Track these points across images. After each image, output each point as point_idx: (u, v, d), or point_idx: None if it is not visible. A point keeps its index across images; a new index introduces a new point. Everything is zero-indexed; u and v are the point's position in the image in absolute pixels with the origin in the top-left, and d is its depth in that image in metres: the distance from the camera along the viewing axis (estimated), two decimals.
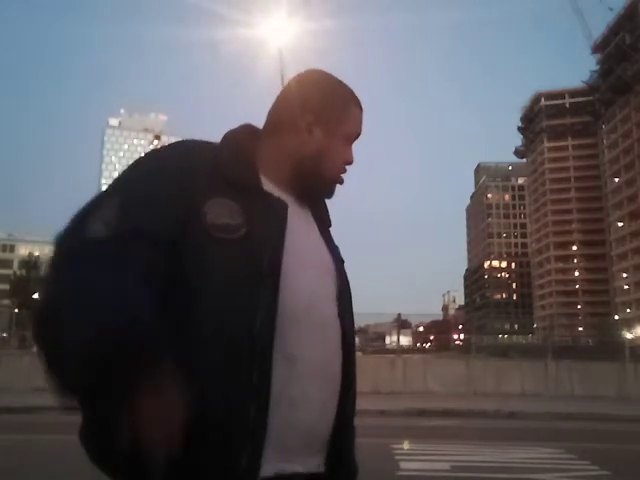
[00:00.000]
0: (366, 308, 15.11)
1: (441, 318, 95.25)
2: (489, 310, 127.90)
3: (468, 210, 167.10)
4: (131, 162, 1.07)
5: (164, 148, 1.09)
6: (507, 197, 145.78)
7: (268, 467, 0.93)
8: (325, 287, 1.07)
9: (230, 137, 1.10)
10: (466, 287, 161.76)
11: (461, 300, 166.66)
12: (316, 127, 1.11)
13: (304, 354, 0.98)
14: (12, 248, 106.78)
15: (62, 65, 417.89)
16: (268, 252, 0.97)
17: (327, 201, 1.21)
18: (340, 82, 1.16)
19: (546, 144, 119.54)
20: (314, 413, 0.99)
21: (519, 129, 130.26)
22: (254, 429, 0.91)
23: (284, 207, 1.03)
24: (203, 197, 0.98)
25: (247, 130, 1.13)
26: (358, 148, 1.20)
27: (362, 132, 1.17)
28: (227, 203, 0.98)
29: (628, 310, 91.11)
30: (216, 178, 1.00)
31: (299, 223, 1.07)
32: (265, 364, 0.93)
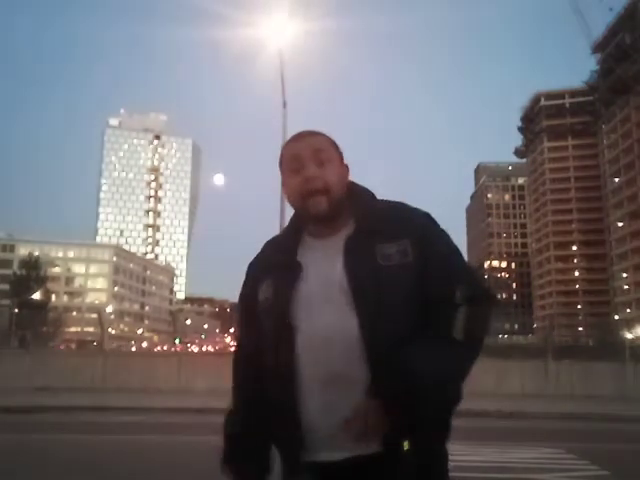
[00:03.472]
0: None
1: None
2: None
3: (468, 210, 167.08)
4: None
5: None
6: (507, 197, 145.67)
7: (305, 455, 1.37)
8: (337, 319, 1.37)
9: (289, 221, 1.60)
10: None
11: None
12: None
13: (307, 371, 1.37)
14: (12, 248, 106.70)
15: (62, 65, 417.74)
16: (282, 313, 1.40)
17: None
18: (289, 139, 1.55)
19: (546, 144, 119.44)
20: (314, 414, 1.36)
21: (519, 129, 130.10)
22: (288, 427, 1.39)
23: (297, 269, 1.43)
24: (259, 281, 1.50)
25: None
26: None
27: (296, 151, 1.47)
28: (268, 282, 1.46)
29: (628, 310, 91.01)
30: (267, 264, 1.52)
31: (318, 265, 1.43)
32: (286, 384, 1.38)
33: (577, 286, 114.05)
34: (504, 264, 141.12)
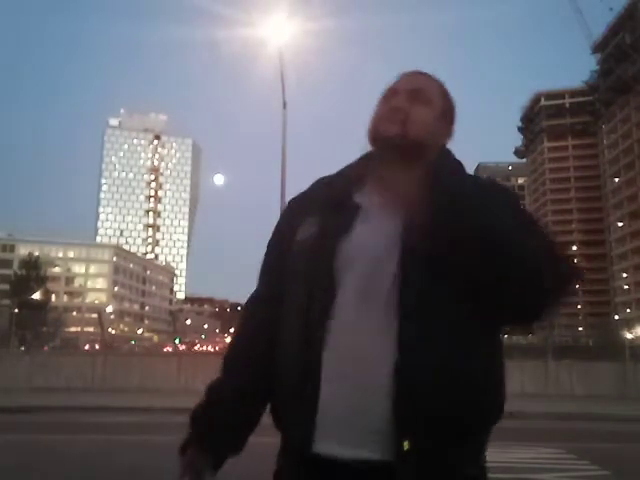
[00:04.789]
0: None
1: None
2: None
3: None
4: None
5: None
6: None
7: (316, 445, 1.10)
8: (379, 275, 1.13)
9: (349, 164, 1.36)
10: None
11: None
12: None
13: (336, 340, 1.11)
14: (12, 248, 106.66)
15: (62, 65, 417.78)
16: (321, 256, 1.17)
17: None
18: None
19: (546, 144, 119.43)
20: (344, 392, 1.08)
21: (519, 129, 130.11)
22: (304, 401, 1.11)
23: (353, 210, 1.20)
24: (300, 219, 1.25)
25: None
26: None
27: (398, 84, 1.31)
28: (312, 221, 1.22)
29: (628, 310, 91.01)
30: (316, 203, 1.26)
31: (375, 216, 1.18)
32: (315, 339, 1.12)
33: (577, 286, 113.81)
34: None
